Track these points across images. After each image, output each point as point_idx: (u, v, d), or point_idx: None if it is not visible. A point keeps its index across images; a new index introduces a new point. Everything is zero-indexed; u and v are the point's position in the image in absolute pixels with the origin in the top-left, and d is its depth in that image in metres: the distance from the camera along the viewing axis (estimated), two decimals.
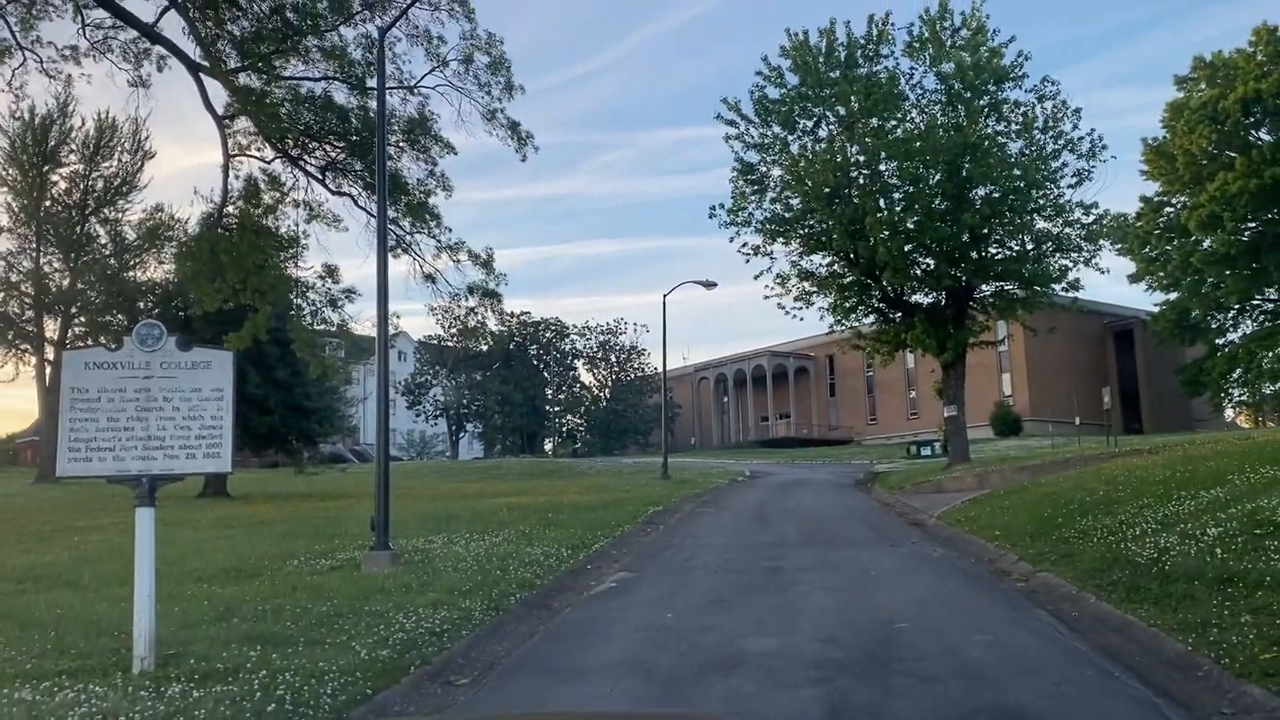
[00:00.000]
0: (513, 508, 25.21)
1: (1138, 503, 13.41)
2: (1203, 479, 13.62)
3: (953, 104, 27.45)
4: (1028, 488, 18.96)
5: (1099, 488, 15.80)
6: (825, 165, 27.56)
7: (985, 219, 26.93)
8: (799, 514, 21.52)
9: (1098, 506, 14.09)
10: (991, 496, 19.42)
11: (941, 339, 29.00)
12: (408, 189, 25.90)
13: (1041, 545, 12.84)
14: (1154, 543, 10.66)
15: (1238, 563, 8.92)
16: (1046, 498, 16.71)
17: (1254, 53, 53.92)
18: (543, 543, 16.09)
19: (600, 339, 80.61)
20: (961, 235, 27.10)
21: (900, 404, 74.95)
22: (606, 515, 21.76)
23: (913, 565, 12.89)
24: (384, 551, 14.47)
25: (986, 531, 15.32)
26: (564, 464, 52.62)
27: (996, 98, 27.39)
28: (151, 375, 8.18)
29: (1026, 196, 27.40)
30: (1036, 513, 15.39)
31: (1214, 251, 53.71)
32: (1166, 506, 12.39)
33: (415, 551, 15.88)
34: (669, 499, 26.87)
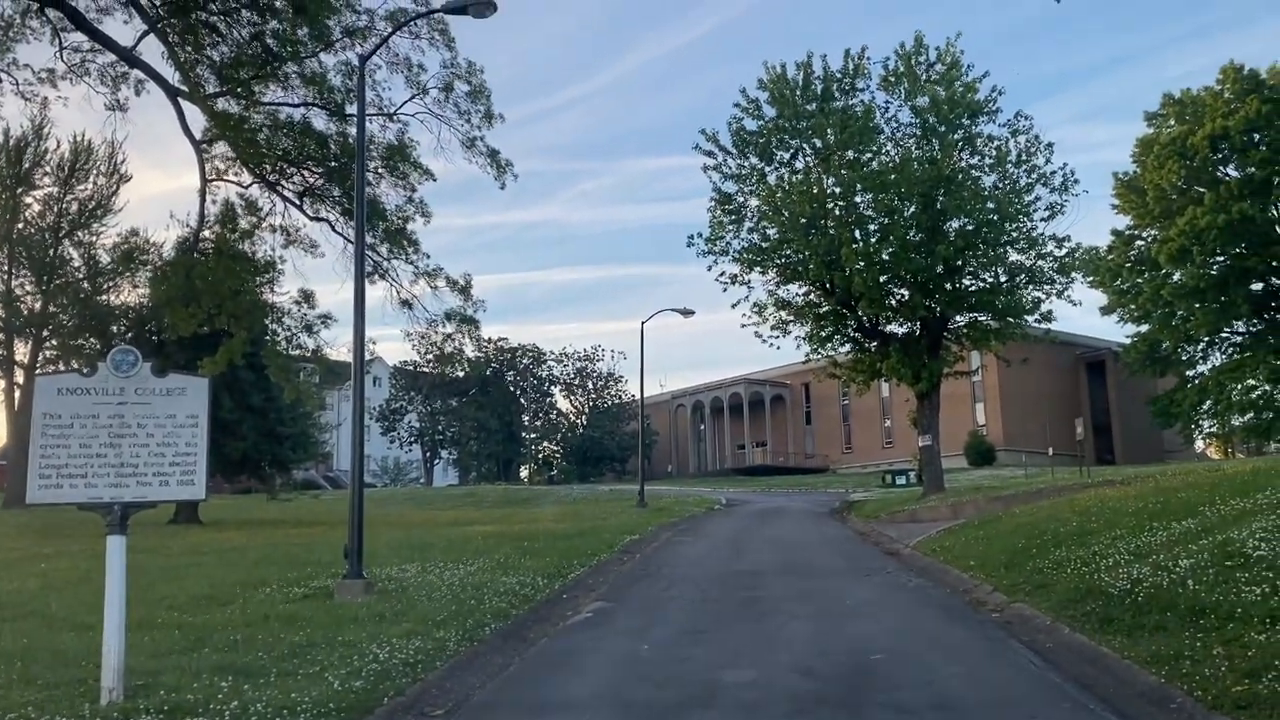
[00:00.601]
0: (488, 536, 25.06)
1: (1111, 534, 13.51)
2: (1175, 510, 13.74)
3: (927, 137, 27.83)
4: (1002, 518, 19.06)
5: (1072, 519, 15.90)
6: (802, 196, 27.79)
7: (959, 251, 27.23)
8: (775, 543, 21.51)
9: (1071, 537, 14.18)
10: (966, 526, 19.50)
11: (916, 369, 29.19)
12: (386, 215, 25.89)
13: (1016, 576, 12.90)
14: (1127, 574, 10.73)
15: (1209, 594, 8.99)
16: (1021, 528, 16.80)
17: (1221, 90, 54.97)
18: (518, 572, 15.99)
19: (577, 365, 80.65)
20: (936, 266, 27.36)
21: (875, 433, 75.27)
22: (583, 544, 21.66)
23: (888, 595, 12.91)
24: (358, 580, 14.33)
25: (961, 561, 15.37)
26: (540, 491, 52.44)
27: (970, 131, 27.81)
28: (125, 401, 8.10)
29: (1000, 229, 27.74)
30: (1011, 543, 15.46)
31: (1184, 285, 54.46)
32: (1139, 538, 12.48)
33: (389, 580, 15.73)
34: (645, 527, 26.80)
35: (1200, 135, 53.19)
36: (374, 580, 15.24)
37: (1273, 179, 52.83)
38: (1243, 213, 51.25)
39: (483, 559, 18.47)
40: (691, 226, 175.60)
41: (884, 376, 31.37)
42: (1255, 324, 57.38)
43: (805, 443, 79.82)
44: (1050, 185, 28.51)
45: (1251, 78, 54.13)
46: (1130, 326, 61.05)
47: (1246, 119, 52.13)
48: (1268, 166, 52.25)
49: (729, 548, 20.85)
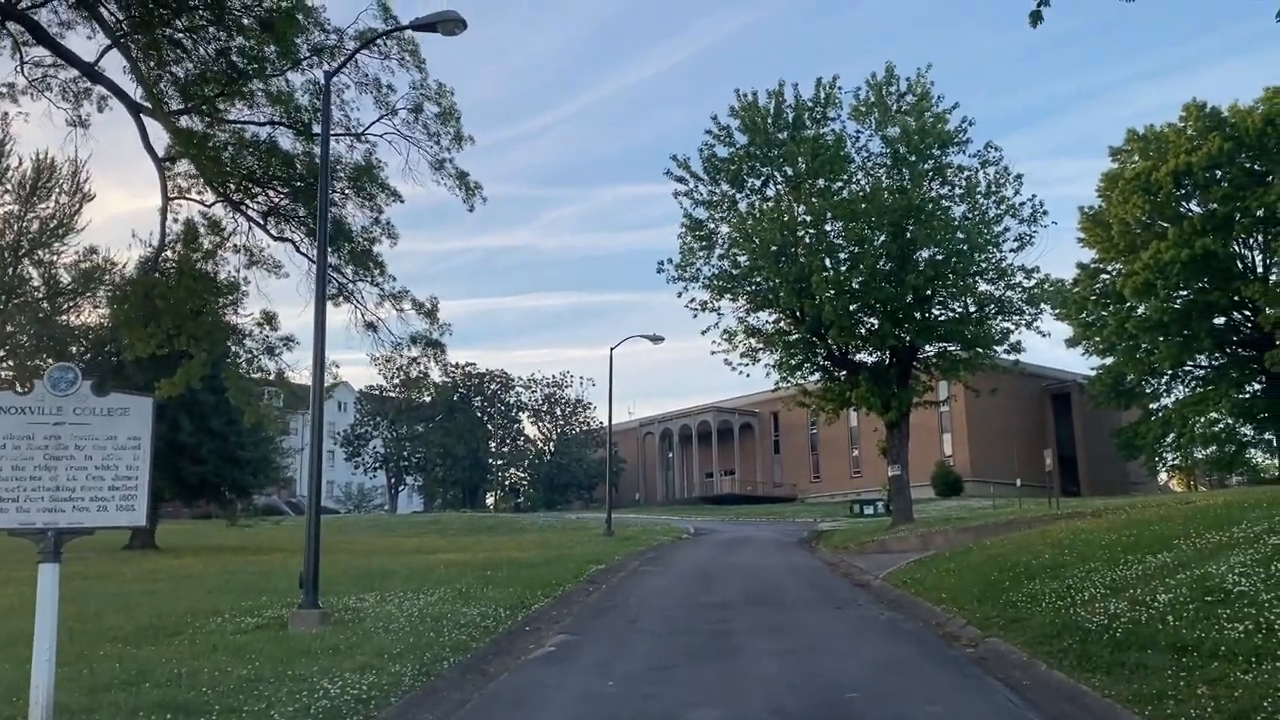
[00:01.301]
0: (450, 564, 24.53)
1: (1084, 567, 13.30)
2: (1148, 543, 13.56)
3: (898, 167, 27.86)
4: (972, 549, 18.84)
5: (1044, 550, 15.70)
6: (772, 224, 27.69)
7: (929, 280, 27.22)
8: (744, 573, 21.16)
9: (1044, 570, 13.96)
10: (937, 558, 19.26)
11: (886, 398, 29.06)
12: (351, 236, 25.44)
13: (989, 609, 12.64)
14: (1104, 608, 10.49)
15: (1190, 631, 8.75)
16: (992, 560, 16.58)
17: (1185, 127, 55.86)
18: (480, 602, 15.53)
19: (546, 392, 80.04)
20: (905, 296, 27.32)
21: (843, 462, 75.25)
22: (547, 573, 21.20)
23: (860, 629, 12.60)
24: (312, 610, 13.83)
25: (933, 594, 15.09)
26: (505, 519, 51.76)
27: (941, 161, 27.88)
28: (63, 421, 7.66)
29: (969, 259, 27.76)
30: (983, 575, 15.22)
31: (1148, 318, 55.04)
32: (1114, 571, 12.27)
33: (346, 610, 15.23)
34: (612, 556, 26.35)
35: (1164, 171, 53.96)
36: (330, 610, 14.74)
37: (1234, 215, 53.67)
38: (1205, 248, 51.93)
39: (444, 589, 17.98)
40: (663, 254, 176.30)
41: (853, 406, 31.22)
42: (1217, 358, 58.07)
43: (774, 471, 79.66)
44: (1019, 216, 28.65)
45: (1213, 115, 55.06)
46: (1095, 359, 61.72)
47: (1209, 155, 52.96)
48: (1229, 203, 53.06)
49: (697, 578, 20.47)
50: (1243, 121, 54.00)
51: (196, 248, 26.70)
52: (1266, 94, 54.91)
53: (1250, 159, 53.96)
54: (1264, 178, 54.12)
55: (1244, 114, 54.54)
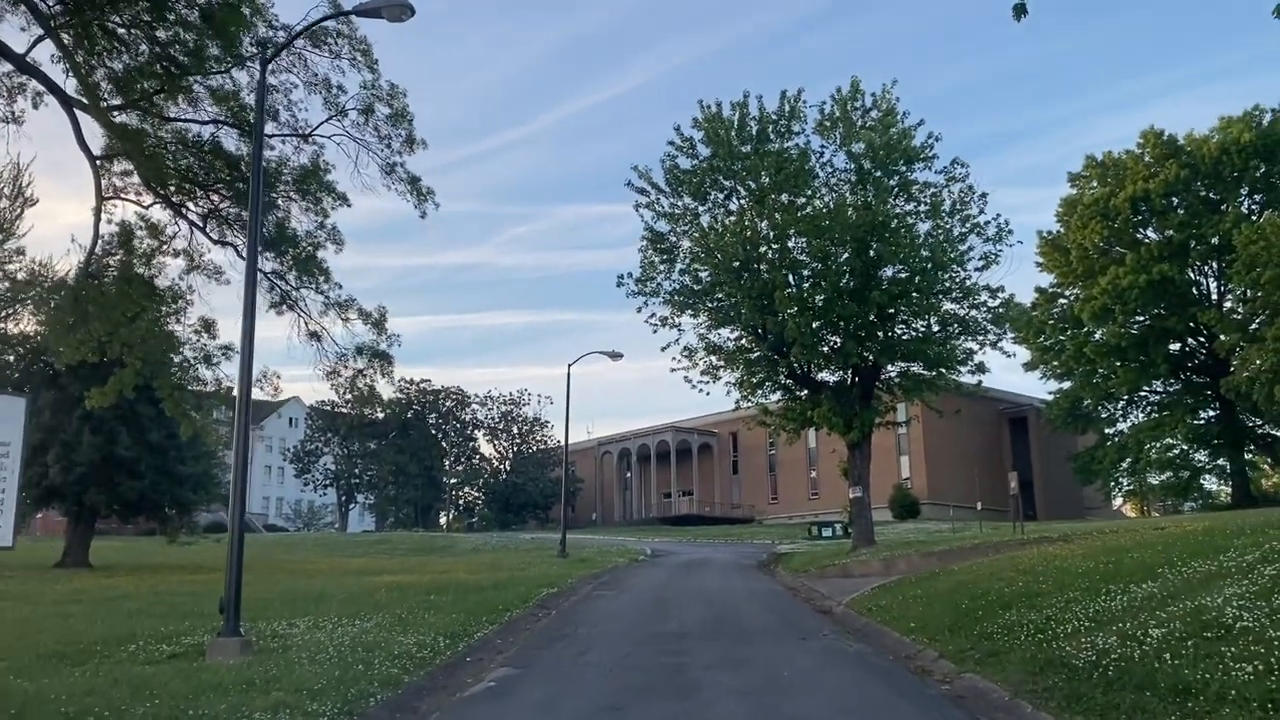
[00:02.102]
0: (394, 587, 23.32)
1: (1063, 596, 12.51)
2: (1130, 571, 12.80)
3: (862, 182, 27.24)
4: (939, 575, 18.04)
5: (1017, 578, 14.92)
6: (735, 238, 26.94)
7: (893, 298, 26.57)
8: (703, 598, 20.20)
9: (1019, 599, 13.15)
10: (902, 584, 18.43)
11: (848, 418, 28.33)
12: (295, 241, 24.27)
13: (962, 641, 11.81)
14: (1091, 643, 9.67)
15: (1192, 670, 7.94)
16: (961, 587, 15.77)
17: (1142, 154, 56.21)
18: (418, 630, 14.42)
19: (502, 409, 78.56)
20: (869, 314, 26.67)
21: (802, 483, 74.61)
22: (495, 597, 20.11)
23: (827, 662, 11.68)
24: (233, 638, 12.66)
25: (901, 623, 14.24)
26: (457, 539, 50.34)
27: (906, 177, 27.30)
28: None
29: (933, 278, 27.19)
30: (953, 603, 14.40)
31: (1105, 343, 55.08)
32: (1096, 601, 11.48)
33: (273, 637, 14.06)
34: (565, 579, 25.28)
35: (1122, 197, 54.19)
36: (254, 638, 13.58)
37: (1190, 242, 53.98)
38: (1163, 274, 52.11)
39: (382, 614, 16.84)
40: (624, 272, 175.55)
41: (815, 425, 30.47)
42: (1172, 384, 58.27)
43: (732, 492, 78.82)
44: (984, 235, 28.15)
45: (1170, 143, 55.49)
46: (1053, 383, 61.74)
47: (1166, 183, 53.28)
48: (1185, 230, 53.36)
49: (653, 603, 19.48)
50: (1198, 150, 54.47)
51: (132, 250, 25.38)
52: (1221, 123, 55.44)
53: (1206, 187, 54.38)
54: (1219, 205, 54.58)
55: (1199, 142, 55.02)
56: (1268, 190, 53.71)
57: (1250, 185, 53.59)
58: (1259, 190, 53.95)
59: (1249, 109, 54.31)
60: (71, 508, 37.31)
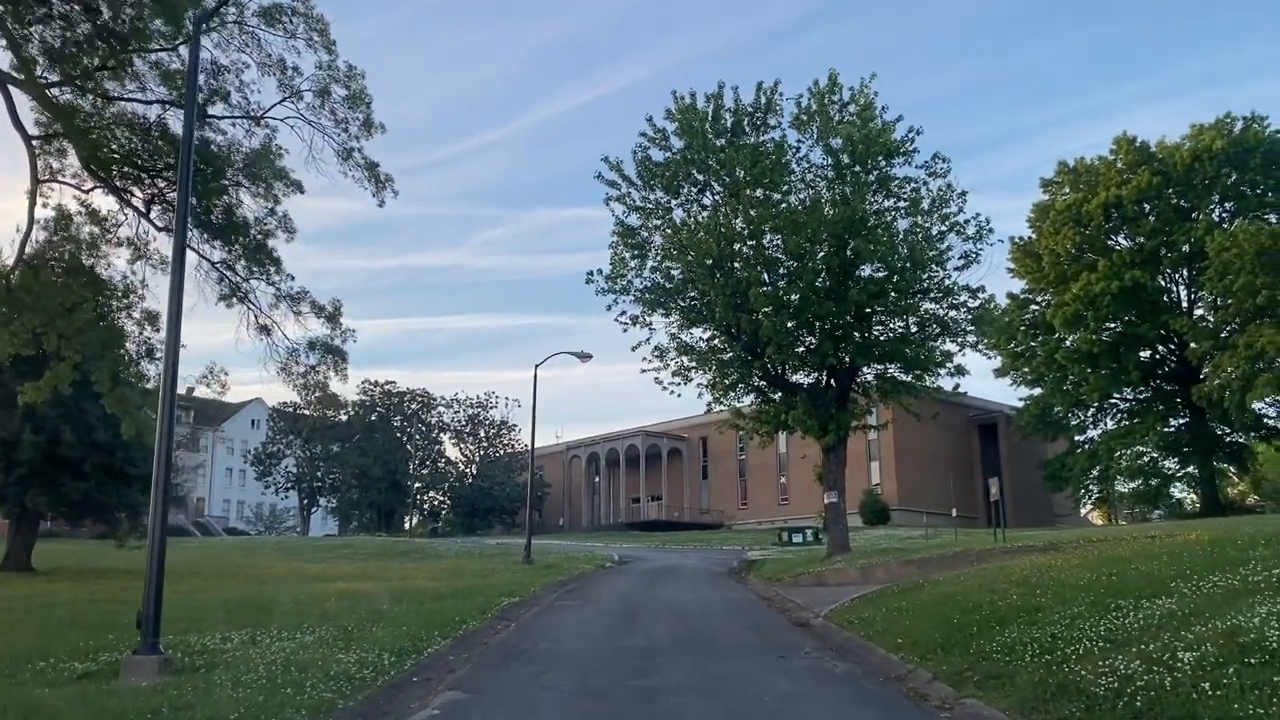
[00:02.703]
0: (346, 595, 21.95)
1: (1066, 611, 11.44)
2: (1137, 585, 11.75)
3: (840, 177, 26.15)
4: (923, 586, 16.96)
5: (1010, 590, 13.85)
6: (709, 234, 25.78)
7: (871, 297, 25.51)
8: (672, 609, 18.99)
9: (1017, 614, 12.07)
10: (884, 595, 17.34)
11: (823, 420, 27.24)
12: (245, 228, 22.85)
13: (958, 661, 10.70)
14: (1110, 666, 8.57)
15: (1242, 704, 6.85)
16: (949, 600, 14.68)
17: (1115, 160, 55.78)
18: (363, 645, 13.11)
19: (469, 412, 76.83)
20: (846, 313, 25.60)
21: (772, 489, 73.65)
22: (453, 607, 18.81)
23: (812, 686, 10.51)
24: (151, 656, 11.31)
25: (887, 639, 13.13)
26: (420, 544, 48.79)
27: (886, 172, 26.25)
28: None
29: (912, 277, 26.19)
30: (942, 618, 13.30)
31: (1077, 349, 54.55)
32: (1106, 619, 10.40)
33: (201, 653, 12.71)
34: (528, 588, 24.01)
35: (1095, 203, 53.70)
36: (179, 654, 12.24)
37: (1161, 250, 53.60)
38: (1135, 280, 51.63)
39: (328, 625, 15.51)
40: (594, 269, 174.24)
41: (789, 429, 29.34)
42: (1143, 391, 57.86)
43: (701, 498, 77.73)
44: (963, 234, 27.18)
45: (1143, 149, 55.11)
46: (1023, 390, 61.15)
47: (1139, 189, 52.83)
48: (1157, 236, 52.95)
49: (620, 615, 18.24)
50: (1170, 156, 54.13)
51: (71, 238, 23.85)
52: (1193, 130, 55.16)
53: (1178, 194, 54.01)
54: (1189, 213, 54.25)
55: (1171, 150, 54.69)
56: (1238, 199, 53.45)
57: (1221, 193, 53.28)
58: (1229, 198, 53.68)
59: (1220, 116, 54.11)
60: (13, 509, 35.51)
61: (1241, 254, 46.13)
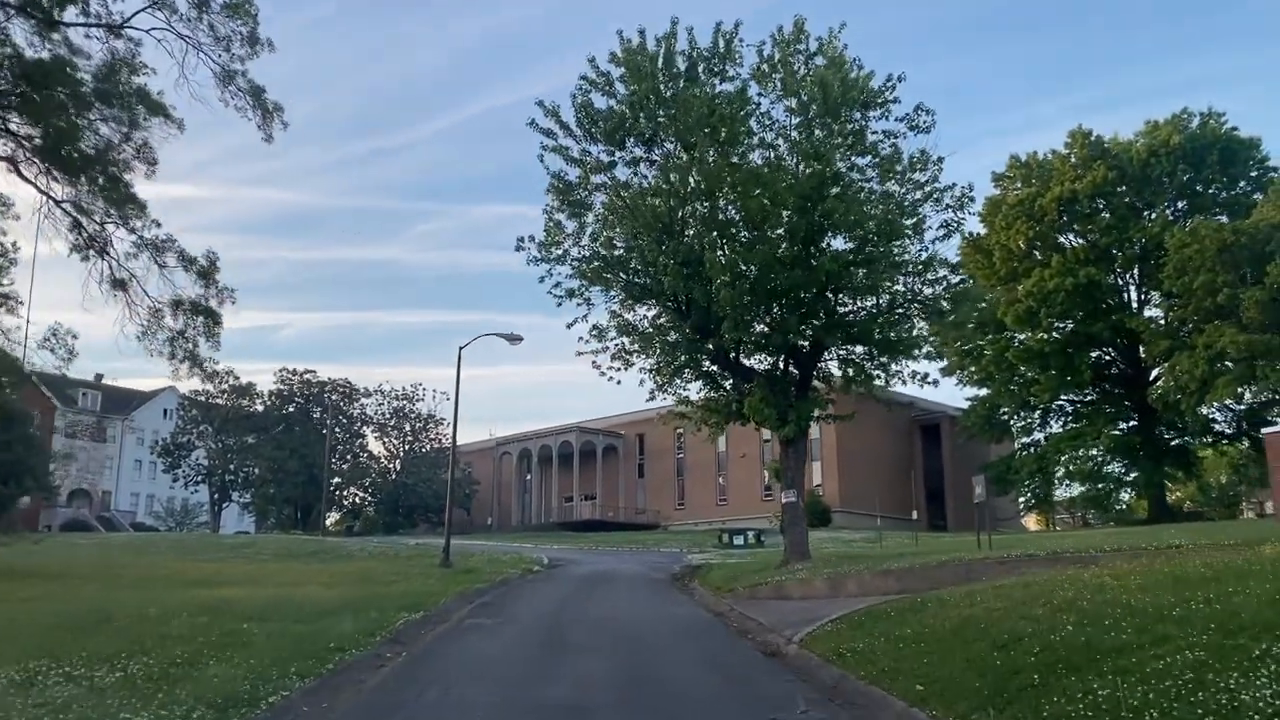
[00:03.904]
0: (212, 606, 17.66)
1: (1171, 653, 7.87)
2: (1257, 618, 8.22)
3: (808, 130, 22.52)
4: (926, 606, 13.39)
5: (1058, 618, 10.31)
6: (659, 193, 22.07)
7: (843, 266, 21.96)
8: (609, 632, 15.16)
9: (1090, 655, 8.51)
10: (876, 617, 13.72)
11: (782, 410, 23.64)
12: (98, 158, 18.53)
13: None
14: None
15: None
16: (974, 627, 11.12)
17: (1069, 155, 53.46)
18: (176, 694, 9.05)
19: (394, 405, 71.95)
20: (814, 285, 22.02)
21: (710, 488, 70.19)
22: (335, 627, 14.75)
23: None
24: None
25: (901, 683, 9.50)
26: (332, 544, 44.19)
27: (860, 125, 22.65)
28: None
29: (886, 248, 22.74)
30: (974, 655, 9.72)
31: (1028, 348, 52.06)
32: (1265, 668, 6.85)
33: None
34: (438, 599, 20.00)
35: (1049, 197, 51.25)
36: None
37: (1115, 248, 51.39)
38: (1090, 277, 49.28)
39: (154, 656, 11.37)
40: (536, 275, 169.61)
41: (743, 419, 25.69)
42: (1090, 393, 55.64)
43: (637, 497, 73.95)
44: (942, 202, 23.83)
45: (1097, 144, 52.85)
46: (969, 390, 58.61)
47: (1094, 184, 50.50)
48: (1111, 234, 50.69)
49: (544, 642, 14.35)
50: (1125, 152, 51.96)
51: None
52: (1147, 127, 53.07)
53: (1132, 192, 51.81)
54: (1141, 212, 52.15)
55: (1125, 146, 52.56)
56: (1193, 197, 51.39)
57: (1177, 190, 51.15)
58: (1184, 197, 51.56)
59: (1176, 112, 52.10)
60: None
61: (1203, 250, 43.91)
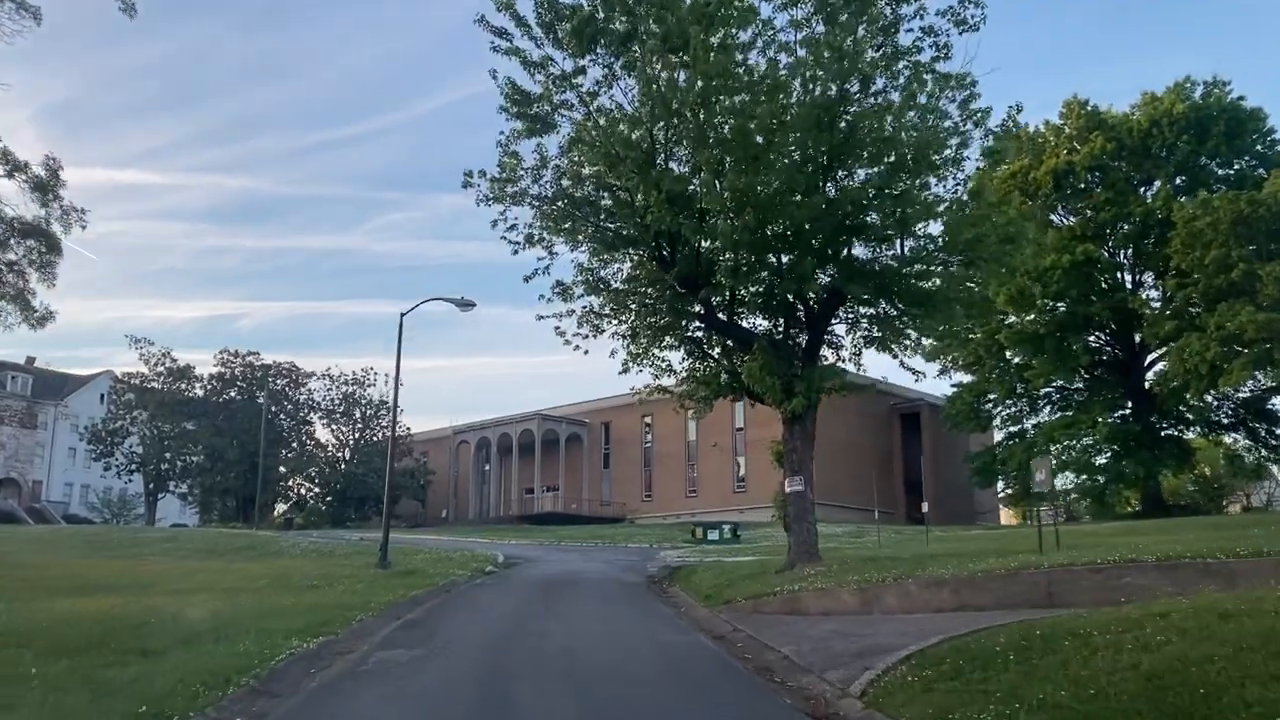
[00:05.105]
0: (17, 632, 12.65)
1: None
2: None
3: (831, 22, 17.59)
4: (1059, 641, 8.61)
5: None
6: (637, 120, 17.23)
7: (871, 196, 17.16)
8: (576, 680, 10.27)
9: None
10: (978, 657, 8.85)
11: (788, 379, 18.90)
12: None
13: None
14: None
15: None
16: (1173, 688, 6.45)
17: (1063, 125, 49.37)
18: None
19: (344, 390, 66.23)
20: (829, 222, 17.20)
21: (679, 480, 65.41)
22: (180, 667, 9.85)
23: None
24: None
25: None
26: (264, 538, 38.87)
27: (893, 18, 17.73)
28: None
29: (920, 176, 18.06)
30: None
31: (1022, 330, 47.84)
32: None
33: None
34: (353, 615, 15.07)
35: (1043, 170, 47.11)
36: None
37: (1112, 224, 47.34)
38: (1088, 254, 45.19)
39: None
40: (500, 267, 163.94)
41: (738, 390, 20.94)
42: (1082, 379, 51.59)
43: (602, 489, 69.00)
44: (983, 125, 19.20)
45: (1094, 115, 48.72)
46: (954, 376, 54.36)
47: (1091, 155, 46.42)
48: (1109, 208, 46.62)
49: (474, 704, 9.45)
50: (1122, 125, 47.95)
51: None
52: (1145, 98, 49.04)
53: (1131, 165, 47.78)
54: (1139, 186, 48.21)
55: (1122, 119, 48.54)
56: (1194, 172, 47.29)
57: (1177, 164, 47.07)
58: (1185, 171, 47.46)
59: (1179, 80, 48.07)
60: None
61: (1216, 223, 39.78)
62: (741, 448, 62.77)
